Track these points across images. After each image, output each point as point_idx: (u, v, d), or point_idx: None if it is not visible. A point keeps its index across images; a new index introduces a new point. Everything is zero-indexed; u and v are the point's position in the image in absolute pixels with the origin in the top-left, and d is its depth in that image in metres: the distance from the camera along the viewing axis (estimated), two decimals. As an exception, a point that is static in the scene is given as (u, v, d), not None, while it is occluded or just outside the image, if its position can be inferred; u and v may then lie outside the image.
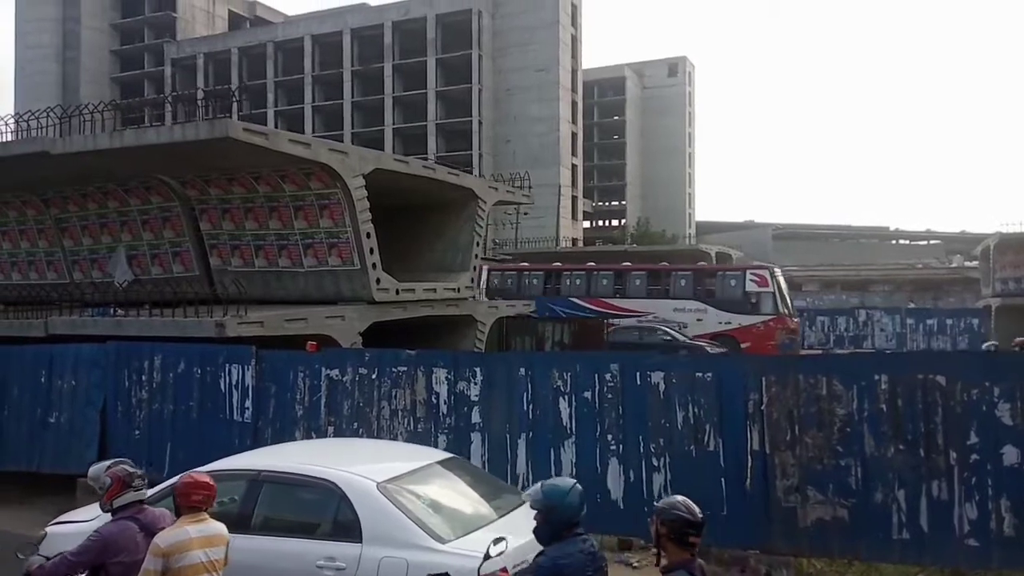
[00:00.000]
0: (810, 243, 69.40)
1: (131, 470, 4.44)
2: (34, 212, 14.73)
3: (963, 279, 39.61)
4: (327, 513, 5.01)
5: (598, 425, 7.53)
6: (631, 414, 7.40)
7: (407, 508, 4.81)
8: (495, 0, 61.67)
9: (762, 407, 6.86)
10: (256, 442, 9.04)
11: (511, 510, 5.16)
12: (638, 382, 7.39)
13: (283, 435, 8.96)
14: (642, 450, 7.33)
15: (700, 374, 7.16)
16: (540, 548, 3.70)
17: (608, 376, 7.52)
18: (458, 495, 5.39)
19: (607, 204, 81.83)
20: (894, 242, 72.45)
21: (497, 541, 4.05)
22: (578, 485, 3.79)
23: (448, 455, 6.24)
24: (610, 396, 7.50)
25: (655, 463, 7.27)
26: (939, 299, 37.46)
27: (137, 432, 9.82)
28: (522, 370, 7.96)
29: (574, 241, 59.83)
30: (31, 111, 14.51)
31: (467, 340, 15.61)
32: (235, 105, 12.66)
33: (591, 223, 76.15)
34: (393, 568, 4.54)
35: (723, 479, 6.99)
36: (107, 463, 4.68)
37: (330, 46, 65.06)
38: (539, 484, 3.80)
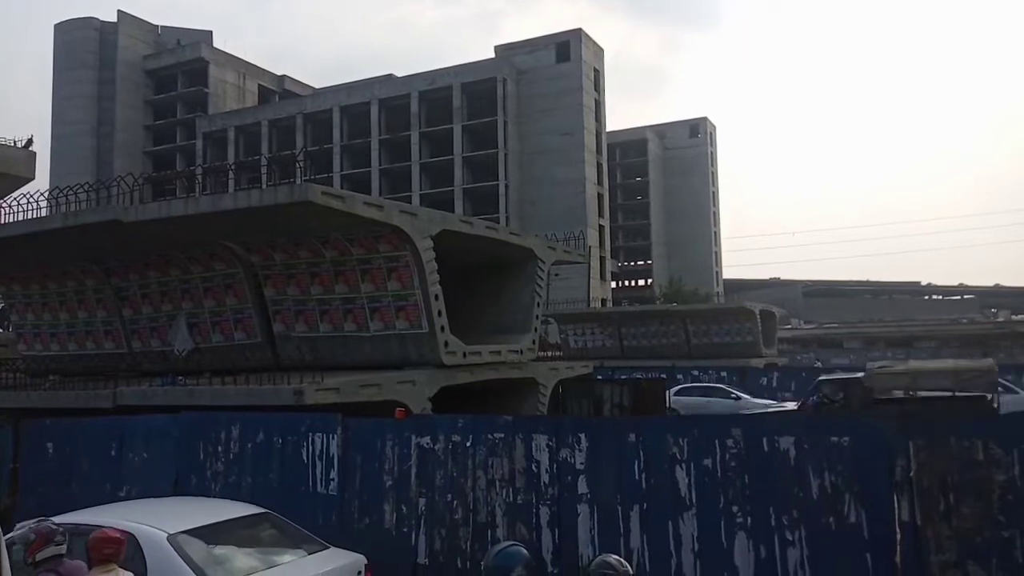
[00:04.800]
0: (841, 300, 68.49)
1: (53, 527, 4.87)
2: (94, 282, 14.64)
3: (1012, 333, 38.58)
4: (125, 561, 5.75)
5: (721, 496, 7.00)
6: (759, 483, 6.88)
7: (189, 556, 5.50)
8: (519, 68, 63.07)
9: (910, 474, 6.33)
10: (342, 516, 8.59)
11: (293, 560, 5.99)
12: (765, 448, 6.89)
13: (371, 508, 8.50)
14: (773, 523, 6.77)
15: (835, 438, 6.65)
16: None
17: (730, 442, 7.03)
18: (246, 546, 6.14)
19: (632, 264, 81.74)
20: (927, 297, 71.28)
21: None
22: (516, 546, 4.06)
23: (260, 511, 6.86)
24: (733, 464, 7.00)
25: (789, 537, 6.71)
26: (988, 354, 36.28)
27: (212, 507, 9.37)
28: (632, 436, 7.49)
29: (603, 302, 59.49)
30: (84, 183, 14.55)
31: (529, 403, 15.17)
32: (299, 169, 12.66)
33: (617, 283, 75.91)
34: None
35: (868, 554, 6.42)
36: (33, 521, 5.08)
37: (358, 116, 66.58)
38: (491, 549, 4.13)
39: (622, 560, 3.57)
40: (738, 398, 22.93)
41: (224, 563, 5.70)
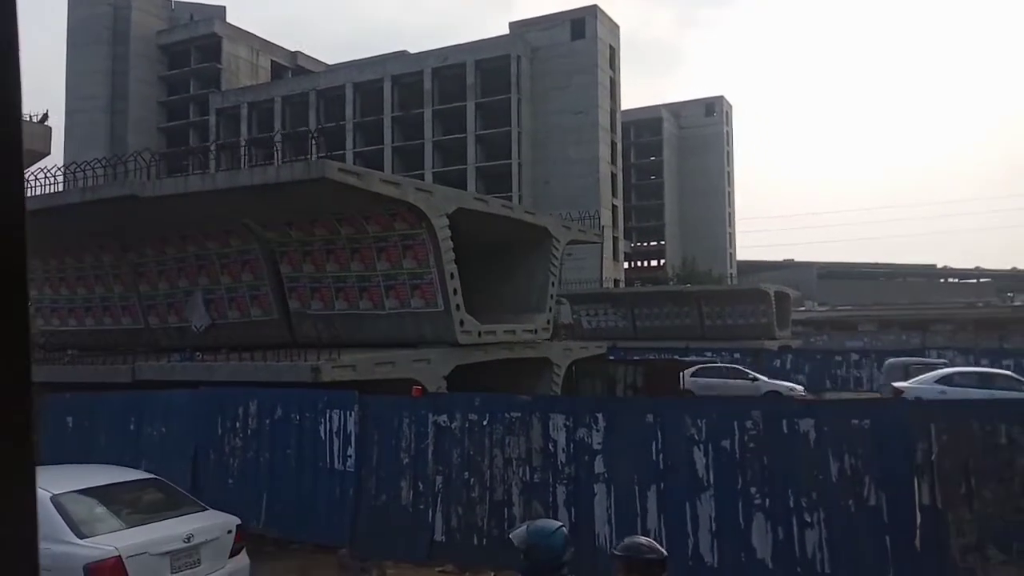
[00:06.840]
0: (856, 282, 67.99)
1: None
2: (111, 257, 14.70)
3: (1029, 317, 38.10)
4: None
5: (740, 477, 6.99)
6: (778, 465, 6.86)
7: (68, 513, 6.10)
8: (533, 45, 62.44)
9: (932, 457, 6.28)
10: (359, 493, 8.64)
11: (168, 519, 6.50)
12: (784, 430, 6.86)
13: (388, 485, 8.54)
14: (792, 505, 6.76)
15: (856, 421, 6.61)
16: None
17: (749, 424, 7.00)
18: (128, 507, 6.78)
19: (645, 244, 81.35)
20: (943, 280, 70.65)
21: None
22: (564, 528, 3.63)
23: (149, 476, 7.41)
24: (752, 445, 6.98)
25: (807, 519, 6.69)
26: (1004, 339, 35.99)
27: (231, 481, 9.46)
28: (650, 416, 7.48)
29: (616, 282, 59.30)
30: (105, 158, 14.56)
31: (543, 383, 15.17)
32: (313, 146, 12.58)
33: (630, 264, 75.60)
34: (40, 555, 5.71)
35: (887, 537, 6.40)
36: None
37: (371, 93, 66.21)
38: (525, 523, 3.68)
39: (652, 542, 3.40)
40: None
41: (103, 520, 6.35)
